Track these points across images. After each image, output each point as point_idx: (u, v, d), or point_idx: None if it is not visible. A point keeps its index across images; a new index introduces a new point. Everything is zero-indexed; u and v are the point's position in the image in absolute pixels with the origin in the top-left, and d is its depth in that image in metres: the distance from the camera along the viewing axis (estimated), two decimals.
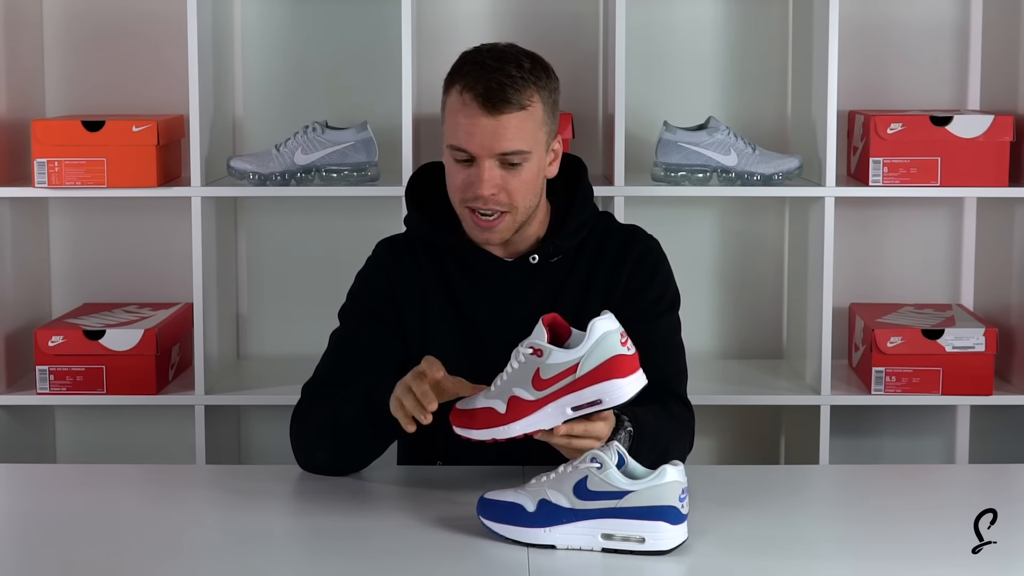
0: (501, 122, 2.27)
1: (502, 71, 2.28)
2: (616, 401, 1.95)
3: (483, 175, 2.29)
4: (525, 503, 1.96)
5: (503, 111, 2.27)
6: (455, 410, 2.03)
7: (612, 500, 1.93)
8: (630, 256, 2.42)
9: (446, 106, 2.34)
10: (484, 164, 2.29)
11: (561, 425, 2.01)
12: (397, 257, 2.46)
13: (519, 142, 2.28)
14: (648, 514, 1.92)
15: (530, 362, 1.97)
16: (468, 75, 2.30)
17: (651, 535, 1.92)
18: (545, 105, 2.32)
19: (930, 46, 3.46)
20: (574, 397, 1.95)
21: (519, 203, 2.32)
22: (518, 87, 2.28)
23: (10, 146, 3.27)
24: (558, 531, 1.95)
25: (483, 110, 2.27)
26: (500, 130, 2.27)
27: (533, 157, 2.31)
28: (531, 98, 2.29)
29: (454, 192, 2.34)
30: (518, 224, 2.35)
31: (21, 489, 2.32)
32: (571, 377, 1.95)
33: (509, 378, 1.99)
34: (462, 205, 2.33)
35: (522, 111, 2.28)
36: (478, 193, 2.29)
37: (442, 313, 2.41)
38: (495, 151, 2.28)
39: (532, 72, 2.31)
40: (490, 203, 2.30)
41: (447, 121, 2.34)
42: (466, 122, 2.28)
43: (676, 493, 1.92)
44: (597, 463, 1.94)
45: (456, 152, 2.31)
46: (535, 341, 1.97)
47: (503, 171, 2.29)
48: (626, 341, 1.96)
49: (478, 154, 2.28)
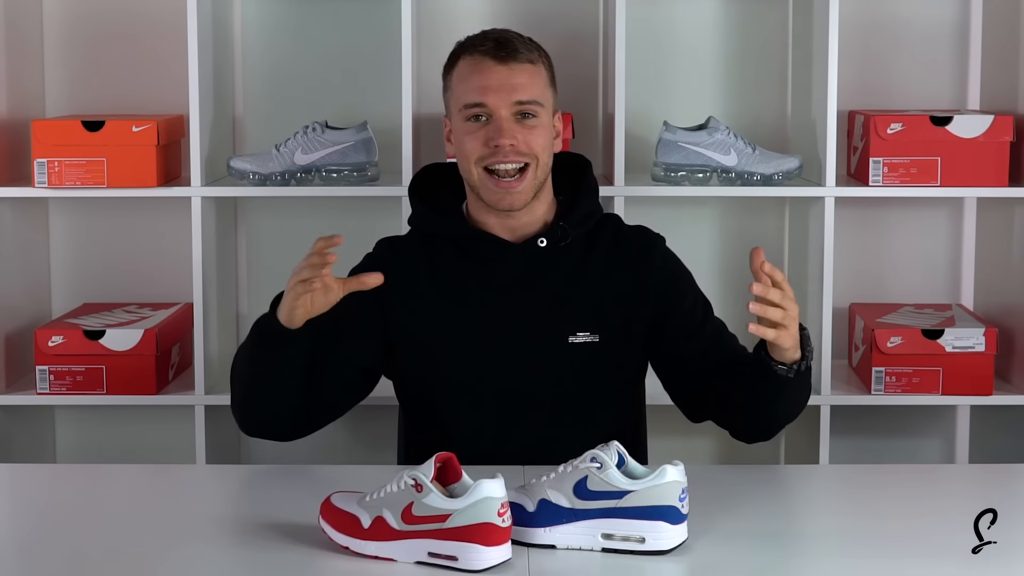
0: (514, 71, 2.37)
1: (507, 33, 2.43)
2: (469, 566, 1.85)
3: (502, 125, 2.36)
4: (525, 503, 1.96)
5: (515, 60, 2.38)
6: (327, 501, 1.97)
7: (612, 500, 1.93)
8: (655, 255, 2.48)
9: (452, 80, 2.43)
10: (501, 115, 2.37)
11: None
12: (396, 254, 2.47)
13: (532, 91, 2.38)
14: (648, 514, 1.92)
15: (407, 492, 1.88)
16: (472, 42, 2.42)
17: (651, 535, 1.92)
18: (548, 72, 2.44)
19: (930, 46, 3.46)
20: (435, 544, 1.87)
21: (538, 152, 2.38)
22: (526, 46, 2.41)
23: (10, 146, 3.27)
24: (558, 531, 1.95)
25: (496, 60, 2.37)
26: (514, 78, 2.37)
27: (544, 114, 2.40)
28: (536, 56, 2.41)
29: (471, 154, 2.39)
30: (539, 182, 2.39)
31: (21, 489, 2.32)
32: (438, 525, 1.86)
33: (385, 497, 1.91)
34: (480, 165, 2.37)
35: (531, 64, 2.39)
36: (499, 143, 2.35)
37: (444, 308, 2.42)
38: (512, 99, 2.36)
39: (531, 42, 2.45)
40: (510, 155, 2.34)
41: (455, 90, 2.42)
42: (479, 77, 2.37)
43: (676, 493, 1.92)
44: (597, 463, 1.94)
45: (471, 110, 2.37)
46: (418, 474, 1.88)
47: (518, 125, 2.37)
48: (504, 512, 1.86)
49: (495, 105, 2.36)
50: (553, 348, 2.41)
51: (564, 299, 2.42)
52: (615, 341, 2.43)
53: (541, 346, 2.41)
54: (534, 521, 1.95)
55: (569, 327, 2.42)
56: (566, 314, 2.42)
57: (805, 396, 2.37)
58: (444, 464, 1.91)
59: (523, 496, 1.97)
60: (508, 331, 2.40)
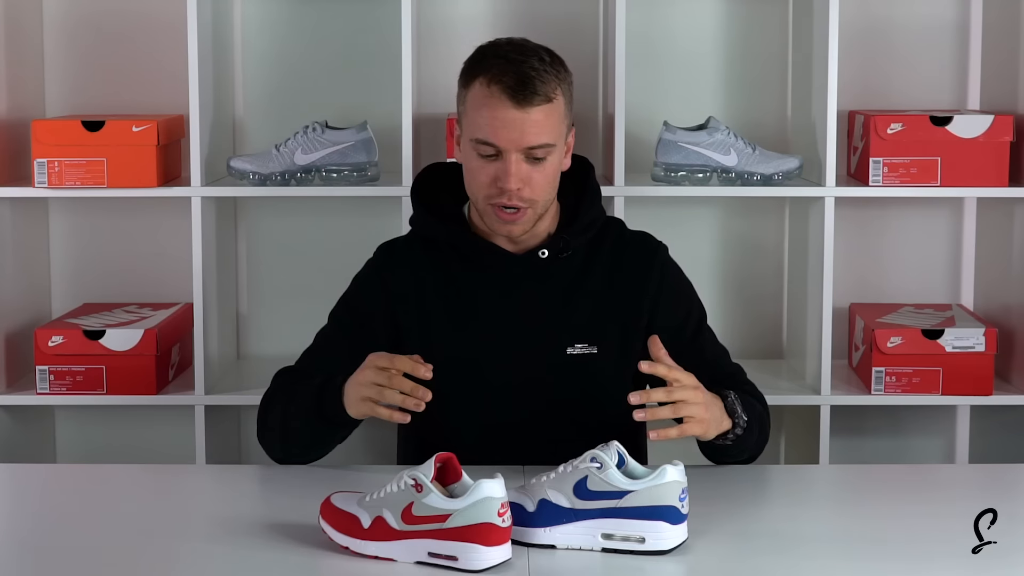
0: (530, 115, 2.28)
1: (527, 63, 2.30)
2: (469, 566, 1.85)
3: (510, 168, 2.30)
4: (525, 503, 1.96)
5: (532, 103, 2.28)
6: (327, 501, 1.97)
7: (612, 500, 1.92)
8: (655, 266, 2.46)
9: (468, 99, 2.34)
10: (511, 158, 2.30)
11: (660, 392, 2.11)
12: (395, 259, 2.46)
13: (545, 135, 2.30)
14: (648, 514, 1.92)
15: (408, 492, 1.88)
16: (493, 67, 2.30)
17: (651, 535, 1.92)
18: (566, 98, 2.35)
19: (930, 46, 3.46)
20: (435, 544, 1.86)
21: (540, 197, 2.34)
22: (544, 79, 2.29)
23: (10, 146, 3.27)
24: (558, 531, 1.95)
25: (512, 102, 2.27)
26: (528, 124, 2.28)
27: (556, 151, 2.33)
28: (555, 91, 2.31)
29: (479, 189, 2.34)
30: (537, 217, 2.37)
31: (21, 489, 2.32)
32: (438, 525, 1.86)
33: (385, 497, 1.91)
34: (486, 202, 2.34)
35: (548, 104, 2.30)
36: (505, 187, 2.30)
37: (444, 313, 2.41)
38: (523, 144, 2.29)
39: (553, 65, 2.33)
40: (514, 199, 2.31)
41: (469, 115, 2.33)
42: (493, 115, 2.29)
43: (676, 493, 1.92)
44: (597, 463, 1.94)
45: (481, 146, 2.31)
46: (418, 474, 1.88)
47: (528, 165, 2.31)
48: (504, 512, 1.86)
49: (505, 148, 2.29)
50: (551, 359, 2.41)
51: (563, 310, 2.41)
52: (613, 353, 2.42)
53: (539, 357, 2.40)
54: (534, 521, 1.95)
55: (567, 338, 2.41)
56: (565, 325, 2.41)
57: (757, 443, 2.36)
58: (444, 464, 1.91)
59: (523, 496, 1.97)
60: (507, 340, 2.39)
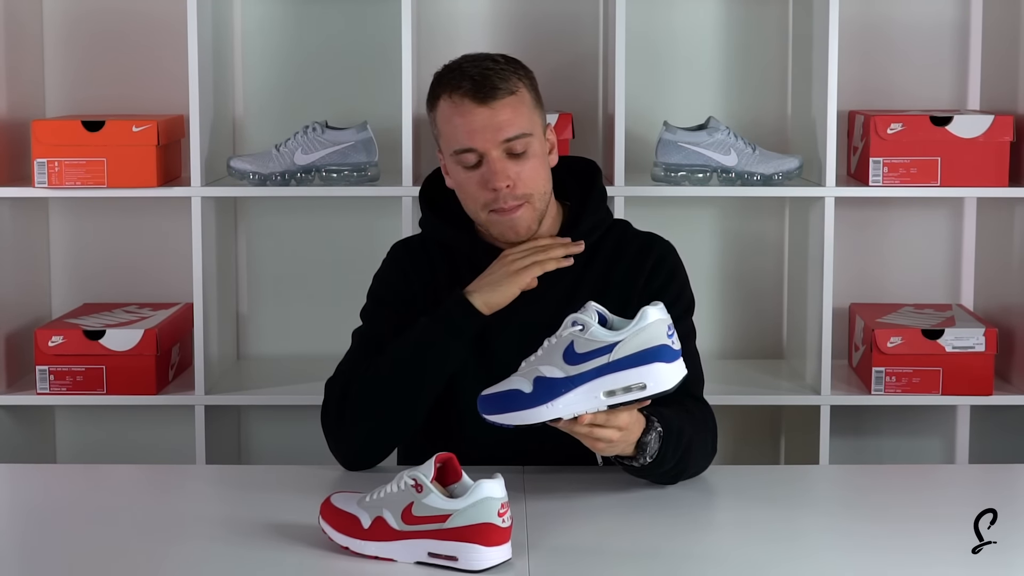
0: (496, 110, 2.31)
1: (481, 65, 2.35)
2: (469, 566, 1.85)
3: (495, 167, 2.32)
4: (521, 386, 1.95)
5: (496, 97, 2.32)
6: (327, 501, 1.96)
7: (603, 356, 1.91)
8: (648, 261, 2.43)
9: (438, 119, 2.38)
10: (493, 156, 2.32)
11: (585, 415, 1.97)
12: (413, 257, 2.48)
13: (518, 126, 2.33)
14: (642, 359, 1.91)
15: (407, 492, 1.87)
16: (451, 80, 2.36)
17: (650, 379, 1.91)
18: (530, 92, 2.38)
19: (930, 46, 3.46)
20: (435, 544, 1.86)
21: (533, 189, 2.35)
22: (502, 76, 2.34)
23: (10, 146, 3.27)
24: (560, 403, 1.94)
25: (476, 102, 2.32)
26: (497, 118, 2.31)
27: (535, 141, 2.35)
28: (516, 84, 2.35)
29: (474, 201, 2.36)
30: (538, 213, 2.37)
31: (21, 489, 2.31)
32: (438, 525, 1.85)
33: (385, 497, 1.90)
34: (486, 211, 2.35)
35: (512, 96, 2.33)
36: (494, 186, 2.31)
37: None
38: (499, 139, 2.31)
39: (508, 63, 2.38)
40: (509, 199, 2.32)
41: (443, 132, 2.38)
42: (463, 121, 2.32)
43: (663, 331, 1.91)
44: (579, 326, 1.93)
45: (462, 156, 2.34)
46: (418, 474, 1.87)
47: (511, 161, 2.33)
48: (504, 512, 1.86)
49: (484, 148, 2.32)
50: None
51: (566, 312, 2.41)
52: None
53: None
54: (534, 401, 1.94)
55: None
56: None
57: (677, 468, 2.24)
58: (444, 464, 1.91)
59: (518, 380, 1.96)
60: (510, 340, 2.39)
